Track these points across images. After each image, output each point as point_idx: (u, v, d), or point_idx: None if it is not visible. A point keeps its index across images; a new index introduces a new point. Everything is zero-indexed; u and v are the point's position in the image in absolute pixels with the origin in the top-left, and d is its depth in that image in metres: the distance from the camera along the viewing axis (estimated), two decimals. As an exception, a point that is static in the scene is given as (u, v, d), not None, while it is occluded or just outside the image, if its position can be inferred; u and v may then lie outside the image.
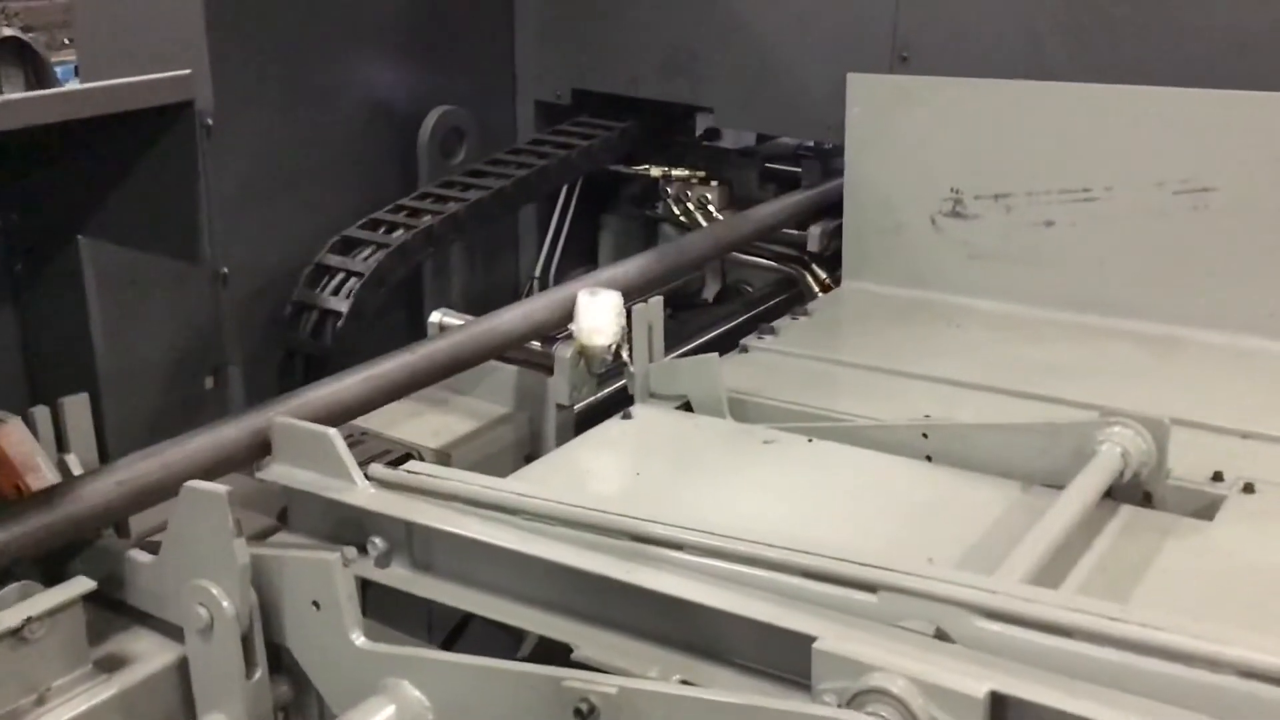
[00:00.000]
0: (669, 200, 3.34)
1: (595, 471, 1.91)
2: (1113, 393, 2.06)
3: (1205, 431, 1.95)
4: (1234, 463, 1.81)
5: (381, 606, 1.63)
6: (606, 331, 2.15)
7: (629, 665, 1.33)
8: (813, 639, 1.17)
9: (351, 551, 1.48)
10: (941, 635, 1.19)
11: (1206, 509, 1.70)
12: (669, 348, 2.21)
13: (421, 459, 2.06)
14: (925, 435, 1.88)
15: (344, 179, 2.80)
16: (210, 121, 2.46)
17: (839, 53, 2.74)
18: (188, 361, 2.61)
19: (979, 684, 1.09)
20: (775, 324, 2.54)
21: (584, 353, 2.16)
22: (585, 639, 1.37)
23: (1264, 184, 2.26)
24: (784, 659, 1.23)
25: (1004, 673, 1.12)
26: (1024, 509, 1.67)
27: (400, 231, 2.63)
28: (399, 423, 2.17)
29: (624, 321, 2.15)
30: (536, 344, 2.25)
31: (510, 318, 2.20)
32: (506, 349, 2.18)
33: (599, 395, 2.31)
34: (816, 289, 3.13)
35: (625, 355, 2.16)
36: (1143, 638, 1.10)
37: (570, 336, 2.19)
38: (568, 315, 2.19)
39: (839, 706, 1.13)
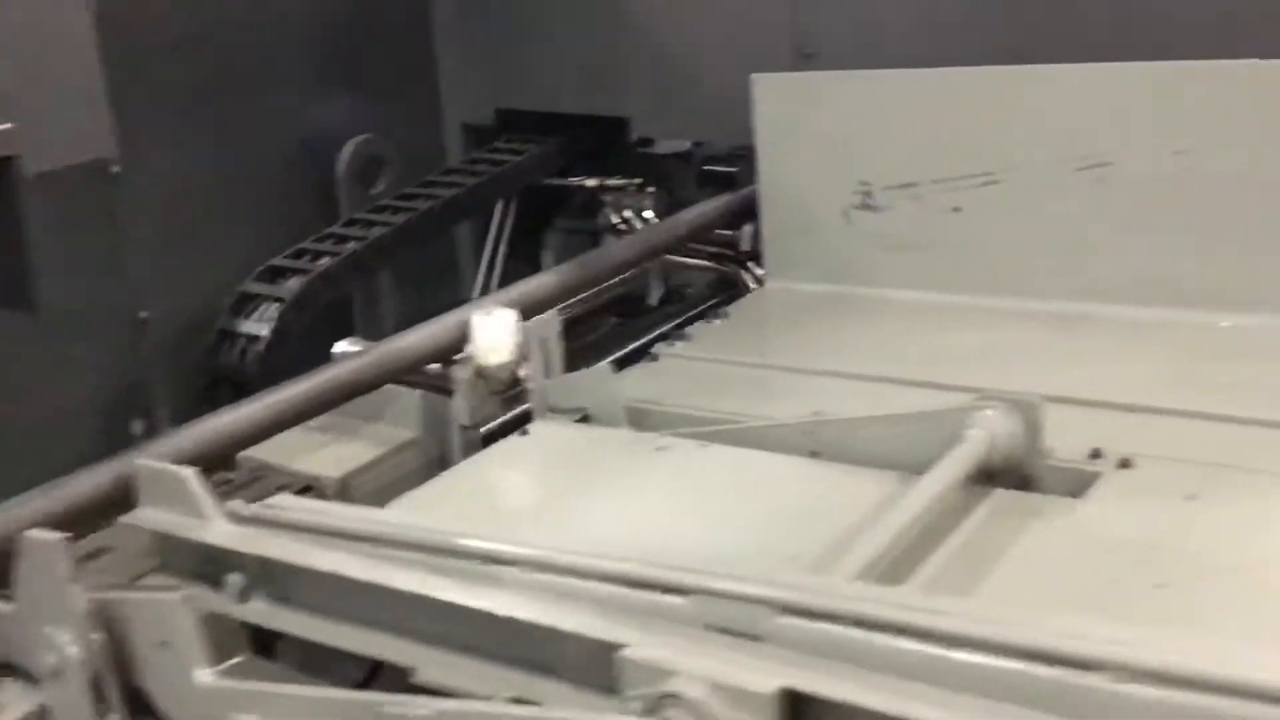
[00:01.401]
0: (607, 211, 3.36)
1: (482, 491, 1.92)
2: (1014, 375, 2.05)
3: (1097, 409, 1.93)
4: (1124, 438, 1.79)
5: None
6: (503, 350, 2.15)
7: (469, 686, 1.33)
8: (620, 647, 1.17)
9: (198, 589, 1.49)
10: (749, 635, 1.18)
11: (1084, 488, 1.69)
12: (607, 355, 2.23)
13: (323, 489, 2.08)
14: (810, 432, 1.88)
15: (265, 215, 2.82)
16: (116, 169, 2.50)
17: (744, 54, 2.74)
18: (115, 408, 2.63)
19: (770, 680, 1.08)
20: (689, 329, 2.55)
21: (482, 373, 2.17)
22: (428, 661, 1.37)
23: (1159, 154, 2.25)
24: (607, 671, 1.23)
25: (800, 669, 1.11)
26: (894, 500, 1.66)
27: (326, 259, 2.65)
28: (302, 453, 2.18)
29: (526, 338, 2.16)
30: (437, 366, 2.26)
31: (409, 341, 2.21)
32: (406, 372, 2.20)
33: (513, 413, 2.31)
34: (753, 288, 3.14)
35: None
36: (935, 626, 1.09)
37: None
38: (467, 336, 2.20)
39: (642, 714, 1.13)
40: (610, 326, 3.10)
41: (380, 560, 1.44)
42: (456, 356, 2.24)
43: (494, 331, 2.15)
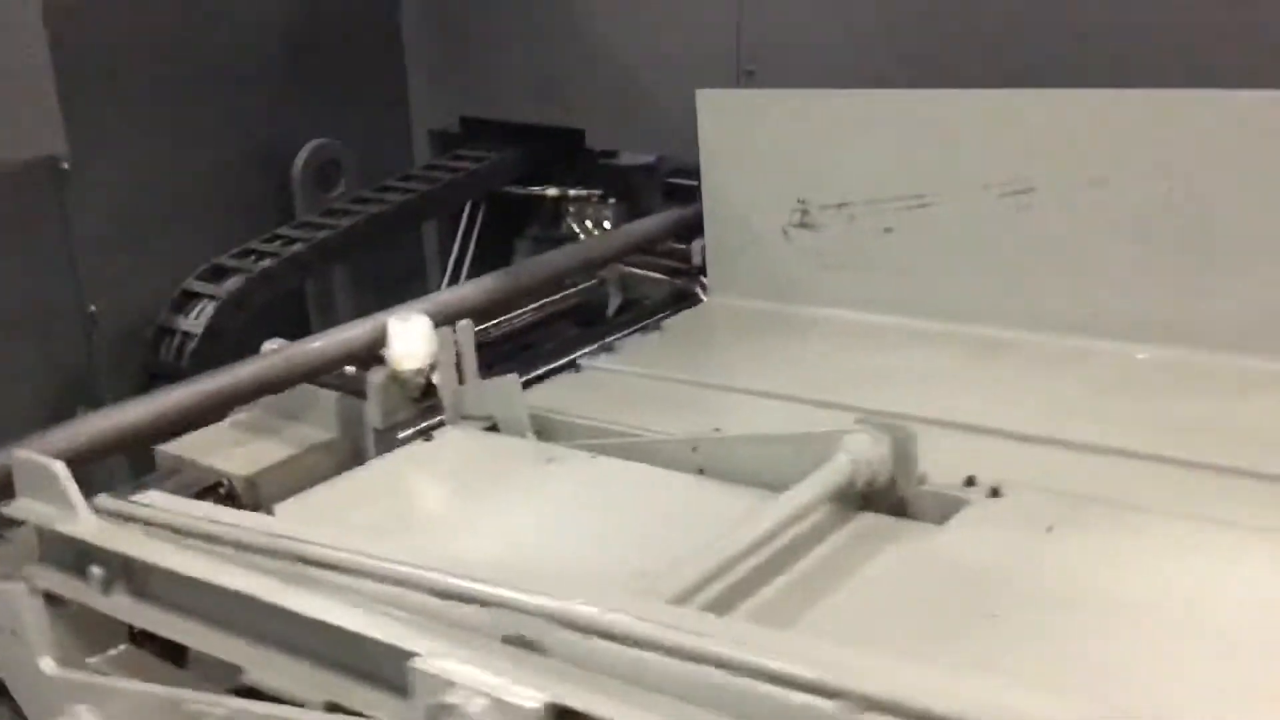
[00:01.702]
0: (569, 220, 3.39)
1: (372, 495, 1.94)
2: (921, 399, 2.08)
3: (991, 436, 1.94)
4: (1006, 467, 1.79)
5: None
6: (417, 356, 2.19)
7: (291, 687, 1.36)
8: (413, 655, 1.20)
9: (50, 578, 1.53)
10: (537, 649, 1.20)
11: (952, 515, 1.70)
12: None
13: (231, 487, 2.13)
14: (695, 449, 1.90)
15: (220, 214, 2.88)
16: (66, 165, 2.56)
17: (690, 70, 2.76)
18: (63, 400, 2.69)
19: (539, 695, 1.10)
20: (617, 342, 2.57)
21: (396, 378, 2.20)
22: (256, 662, 1.40)
23: (1077, 182, 2.24)
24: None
25: (575, 685, 1.13)
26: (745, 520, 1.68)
27: (267, 259, 2.70)
28: (218, 450, 2.22)
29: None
30: (351, 369, 2.30)
31: (325, 343, 2.25)
32: (317, 374, 2.23)
33: (435, 420, 2.34)
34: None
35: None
36: (697, 647, 1.11)
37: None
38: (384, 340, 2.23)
39: (424, 723, 1.15)
40: (573, 335, 3.13)
41: (218, 560, 1.47)
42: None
43: (408, 338, 2.19)
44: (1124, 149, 2.18)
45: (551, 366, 2.69)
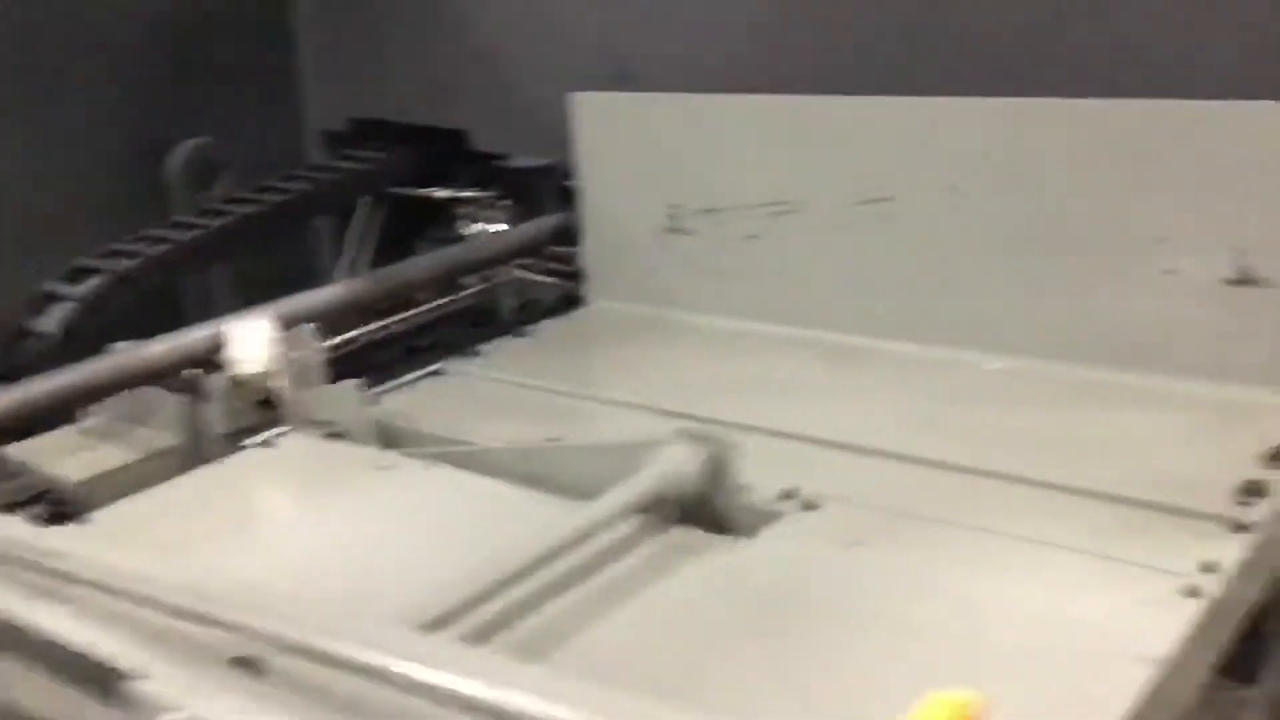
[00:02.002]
0: (463, 223, 3.34)
1: (198, 500, 1.90)
2: (771, 408, 2.06)
3: (824, 447, 1.90)
4: (831, 479, 1.76)
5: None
6: (257, 360, 2.15)
7: (32, 703, 1.32)
8: (132, 677, 1.16)
9: None
10: (260, 672, 1.17)
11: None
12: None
13: (61, 492, 2.08)
14: (524, 458, 1.86)
15: (88, 215, 2.82)
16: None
17: (567, 72, 2.72)
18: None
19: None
20: (486, 346, 2.53)
21: (238, 382, 2.16)
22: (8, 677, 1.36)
23: (933, 190, 2.21)
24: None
25: (288, 711, 1.10)
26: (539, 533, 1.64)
27: (130, 260, 2.64)
28: (60, 454, 2.17)
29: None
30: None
31: (168, 347, 2.21)
32: (163, 377, 2.19)
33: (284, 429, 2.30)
34: (595, 307, 3.11)
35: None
36: (416, 679, 1.07)
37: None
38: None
39: (135, 747, 1.11)
40: (450, 338, 3.09)
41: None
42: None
43: (249, 342, 2.15)
44: (978, 157, 2.16)
45: (426, 371, 2.66)
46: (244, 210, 2.83)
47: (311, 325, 2.17)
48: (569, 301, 3.23)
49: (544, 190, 3.34)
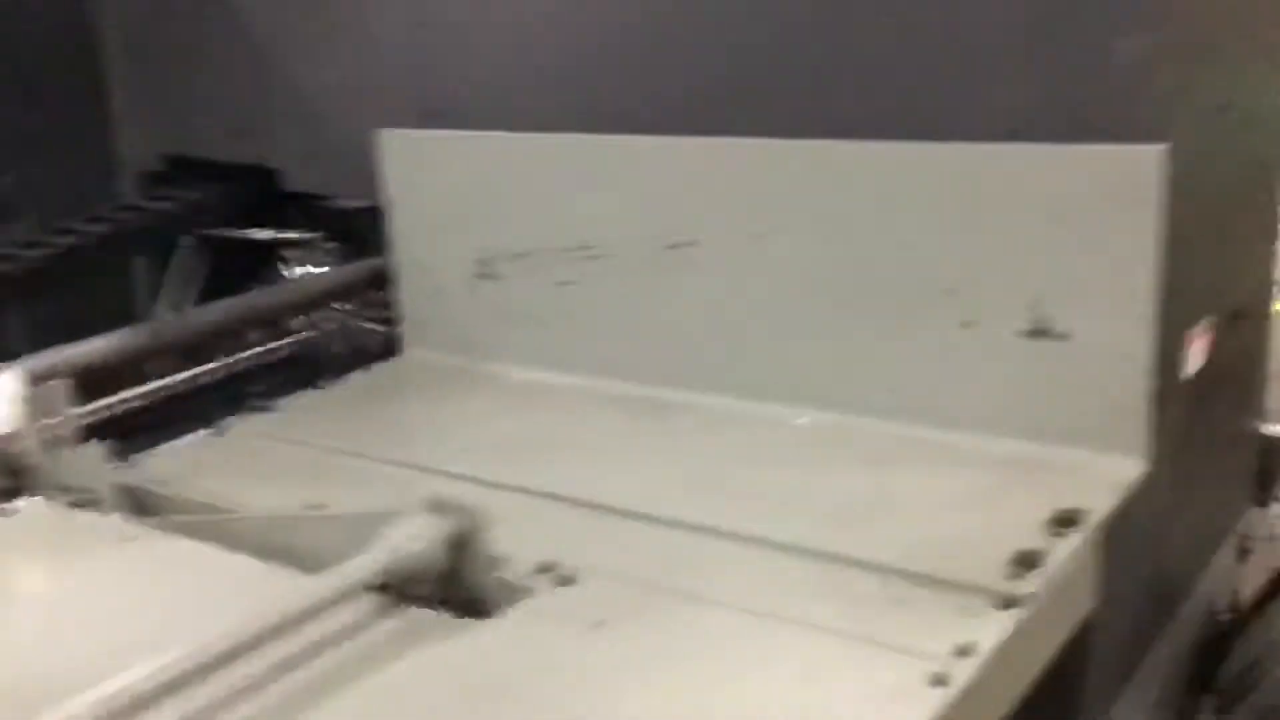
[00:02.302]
0: (287, 266, 3.18)
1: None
2: (558, 469, 1.94)
3: (607, 514, 1.77)
4: (599, 548, 1.64)
5: None
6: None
7: None
8: None
9: None
10: None
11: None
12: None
13: None
14: (265, 529, 1.70)
15: None
16: None
17: (378, 110, 2.58)
18: None
19: None
20: (284, 399, 2.37)
21: (-21, 443, 1.98)
22: None
23: (738, 235, 2.10)
24: None
25: None
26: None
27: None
28: None
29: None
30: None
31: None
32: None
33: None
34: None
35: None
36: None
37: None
38: (-24, 402, 2.01)
39: None
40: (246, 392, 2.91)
41: None
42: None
43: (-10, 400, 1.97)
44: (781, 200, 2.05)
45: (209, 430, 2.48)
46: (35, 254, 2.64)
47: (63, 382, 2.00)
48: (389, 349, 3.09)
49: (369, 232, 3.20)
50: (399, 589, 1.55)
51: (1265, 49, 2.30)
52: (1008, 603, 1.42)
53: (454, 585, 1.56)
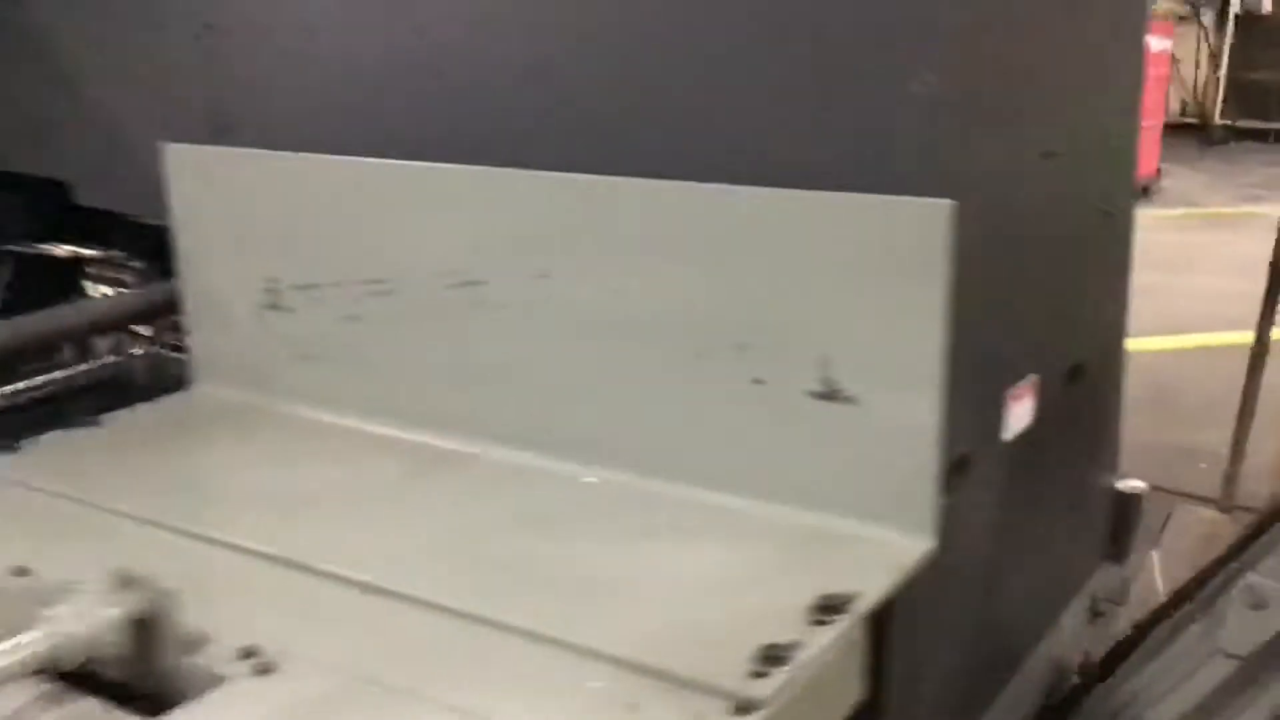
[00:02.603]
0: (89, 284, 2.96)
1: None
2: (311, 532, 1.77)
3: (333, 585, 1.59)
4: (314, 630, 1.46)
5: None
6: None
7: None
8: None
9: None
10: None
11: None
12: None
13: None
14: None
15: None
16: None
17: (165, 122, 2.37)
18: None
19: None
20: (41, 438, 2.15)
21: None
22: None
23: (522, 274, 1.94)
24: None
25: None
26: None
27: None
28: None
29: None
30: None
31: None
32: None
33: None
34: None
35: None
36: None
37: None
38: None
39: None
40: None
41: None
42: None
43: None
44: (566, 237, 1.89)
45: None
46: None
47: None
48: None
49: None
50: (79, 673, 1.37)
51: (1096, 93, 2.20)
52: (742, 707, 1.26)
53: (141, 670, 1.38)
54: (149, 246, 2.93)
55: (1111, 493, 2.74)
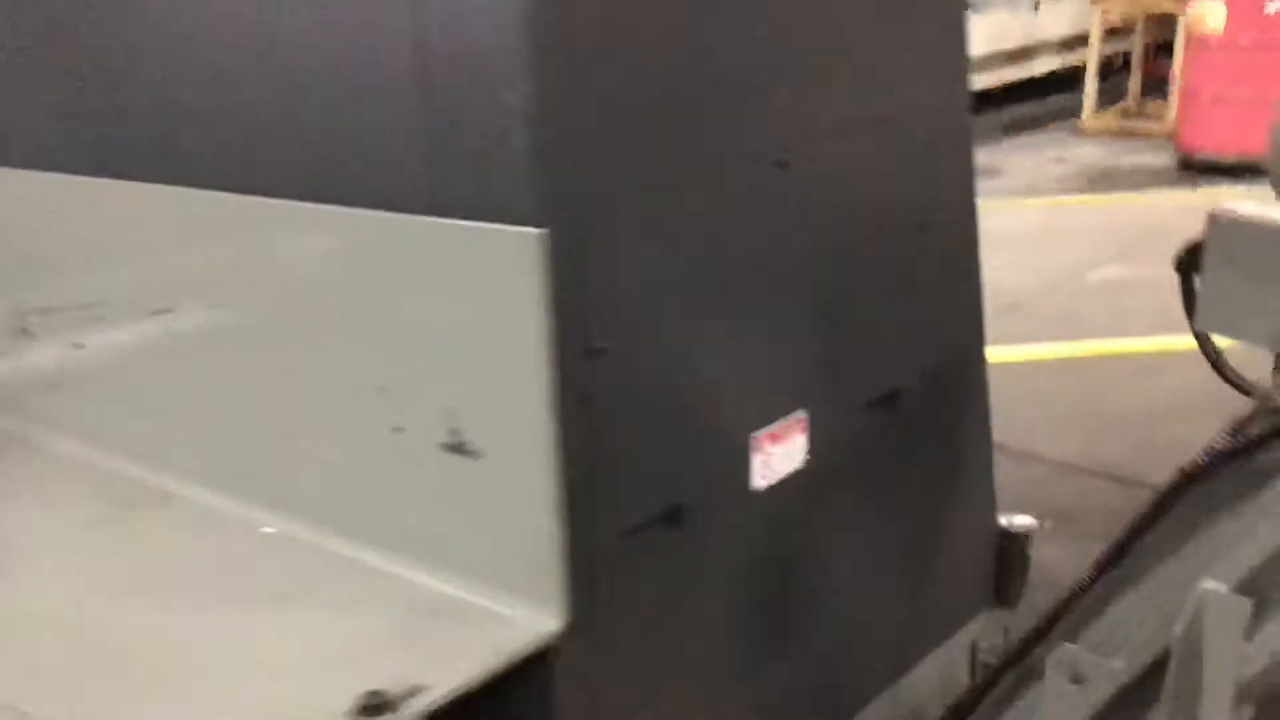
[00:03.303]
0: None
1: None
2: None
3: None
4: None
5: None
6: None
7: None
8: None
9: None
10: None
11: None
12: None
13: None
14: None
15: None
16: None
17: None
18: None
19: None
20: None
21: None
22: None
23: (208, 300, 1.76)
24: None
25: None
26: None
27: None
28: None
29: None
30: None
31: None
32: None
33: None
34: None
35: None
36: None
37: None
38: None
39: None
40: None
41: None
42: None
43: None
44: (235, 264, 1.71)
45: None
46: None
47: None
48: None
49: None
50: None
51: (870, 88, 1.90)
52: None
53: None
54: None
55: (991, 531, 2.44)
